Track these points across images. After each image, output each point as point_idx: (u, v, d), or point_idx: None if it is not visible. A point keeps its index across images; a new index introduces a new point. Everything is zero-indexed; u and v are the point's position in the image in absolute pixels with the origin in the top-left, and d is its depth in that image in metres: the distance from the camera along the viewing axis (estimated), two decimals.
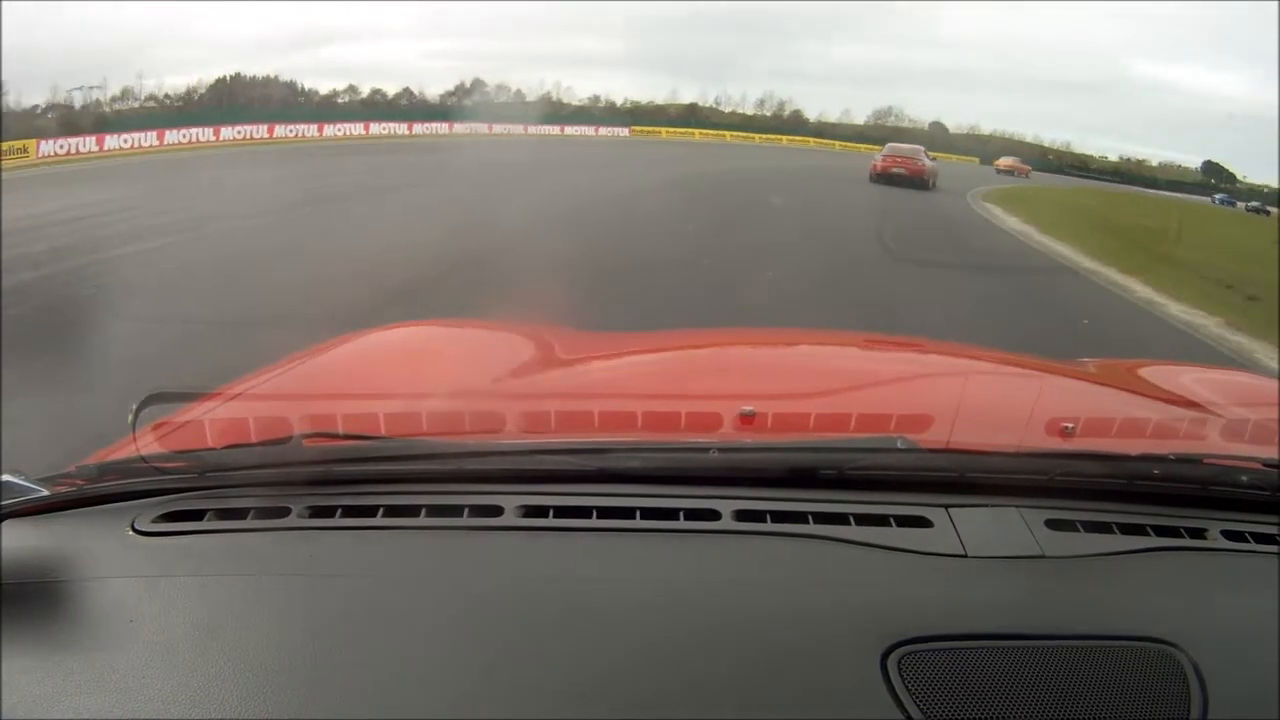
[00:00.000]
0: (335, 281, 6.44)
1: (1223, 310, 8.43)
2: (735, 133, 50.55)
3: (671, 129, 47.32)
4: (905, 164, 23.12)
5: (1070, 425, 1.15)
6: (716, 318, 5.87)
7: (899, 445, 1.00)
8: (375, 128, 33.37)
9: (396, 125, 34.46)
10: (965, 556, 0.89)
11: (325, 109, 38.02)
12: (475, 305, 5.86)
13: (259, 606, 0.82)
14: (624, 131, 44.15)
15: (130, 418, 0.95)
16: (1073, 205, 21.19)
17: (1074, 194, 26.74)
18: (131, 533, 0.90)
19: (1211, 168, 65.96)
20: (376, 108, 42.14)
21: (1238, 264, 12.34)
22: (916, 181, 22.45)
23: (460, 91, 47.89)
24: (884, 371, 1.75)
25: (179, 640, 0.77)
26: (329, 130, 31.04)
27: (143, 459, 0.95)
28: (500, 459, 1.03)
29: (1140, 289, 9.25)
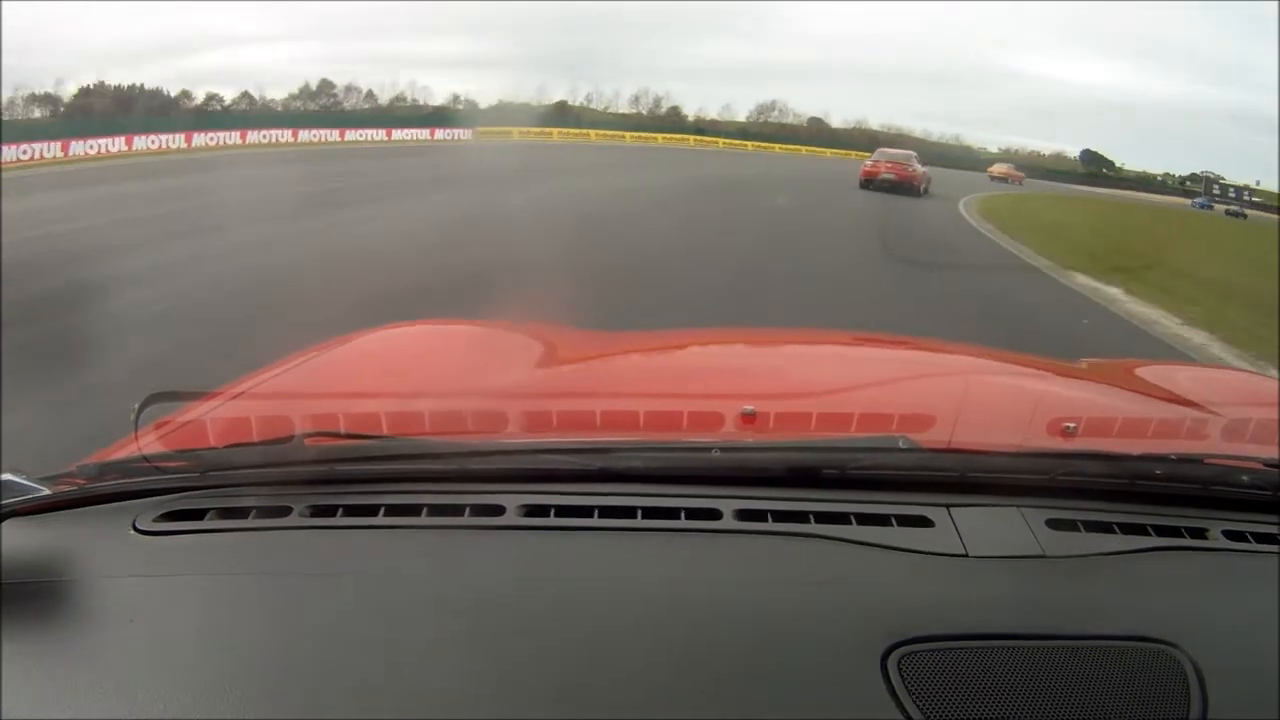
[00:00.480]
0: None
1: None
2: (602, 131, 46.44)
3: (530, 129, 42.12)
4: (895, 169, 22.73)
5: (1072, 425, 1.15)
6: None
7: (900, 445, 1.00)
8: (200, 138, 28.18)
9: (227, 135, 29.41)
10: (966, 556, 0.89)
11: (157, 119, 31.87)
12: None
13: (260, 606, 0.82)
14: (467, 134, 38.62)
15: (132, 417, 0.95)
16: (1083, 225, 19.19)
17: (1078, 210, 25.83)
18: (133, 532, 0.90)
19: (1090, 156, 68.56)
20: (209, 116, 37.70)
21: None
22: (906, 187, 22.04)
23: (305, 94, 44.74)
24: (886, 371, 1.75)
25: (180, 640, 0.77)
26: (139, 143, 25.49)
27: (144, 458, 0.95)
28: (502, 458, 1.03)
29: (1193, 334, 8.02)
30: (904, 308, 7.26)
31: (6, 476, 0.91)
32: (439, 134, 38.09)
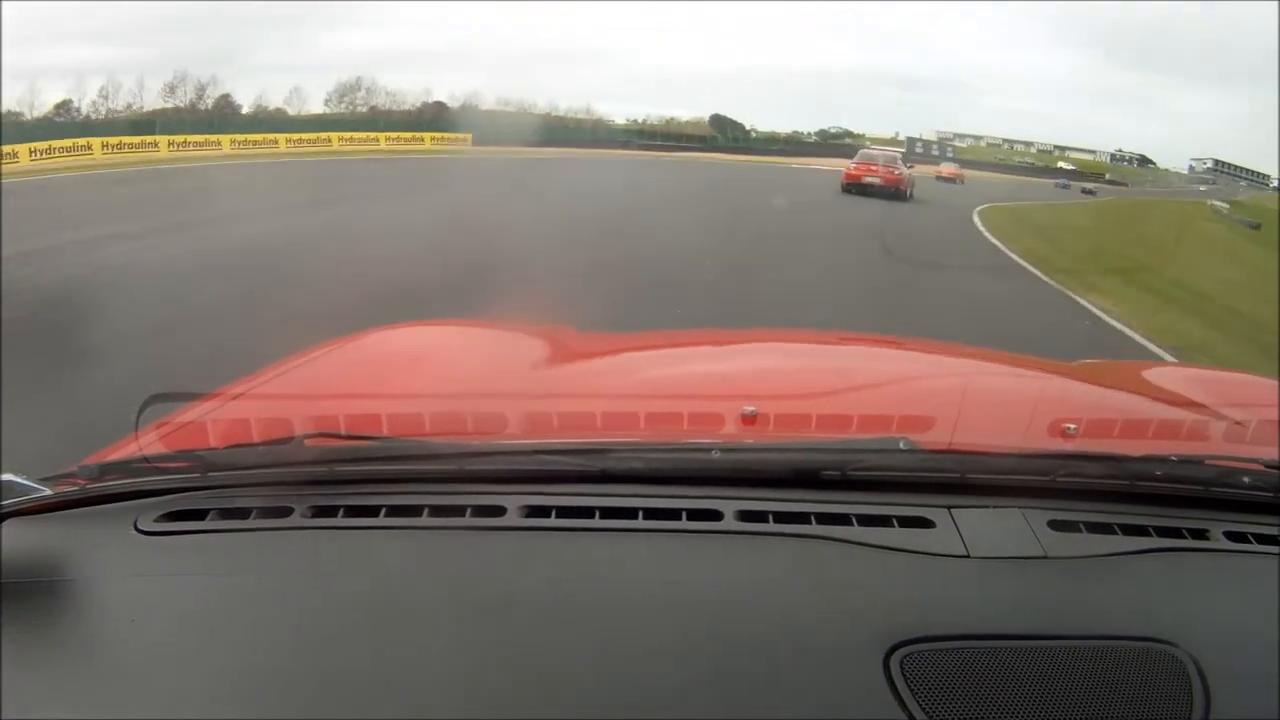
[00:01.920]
0: None
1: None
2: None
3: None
4: (881, 173, 21.67)
5: (1072, 426, 1.15)
6: None
7: (901, 446, 1.00)
8: None
9: None
10: (968, 557, 0.89)
11: None
12: None
13: (262, 606, 0.82)
14: None
15: (134, 417, 0.95)
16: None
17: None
18: (134, 532, 0.90)
19: (719, 120, 71.15)
20: None
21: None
22: (893, 191, 20.99)
23: None
24: (886, 372, 1.75)
25: (181, 640, 0.77)
26: None
27: (145, 458, 0.95)
28: (503, 459, 1.03)
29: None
30: None
31: (7, 477, 0.91)
32: None
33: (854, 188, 21.44)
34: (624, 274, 8.24)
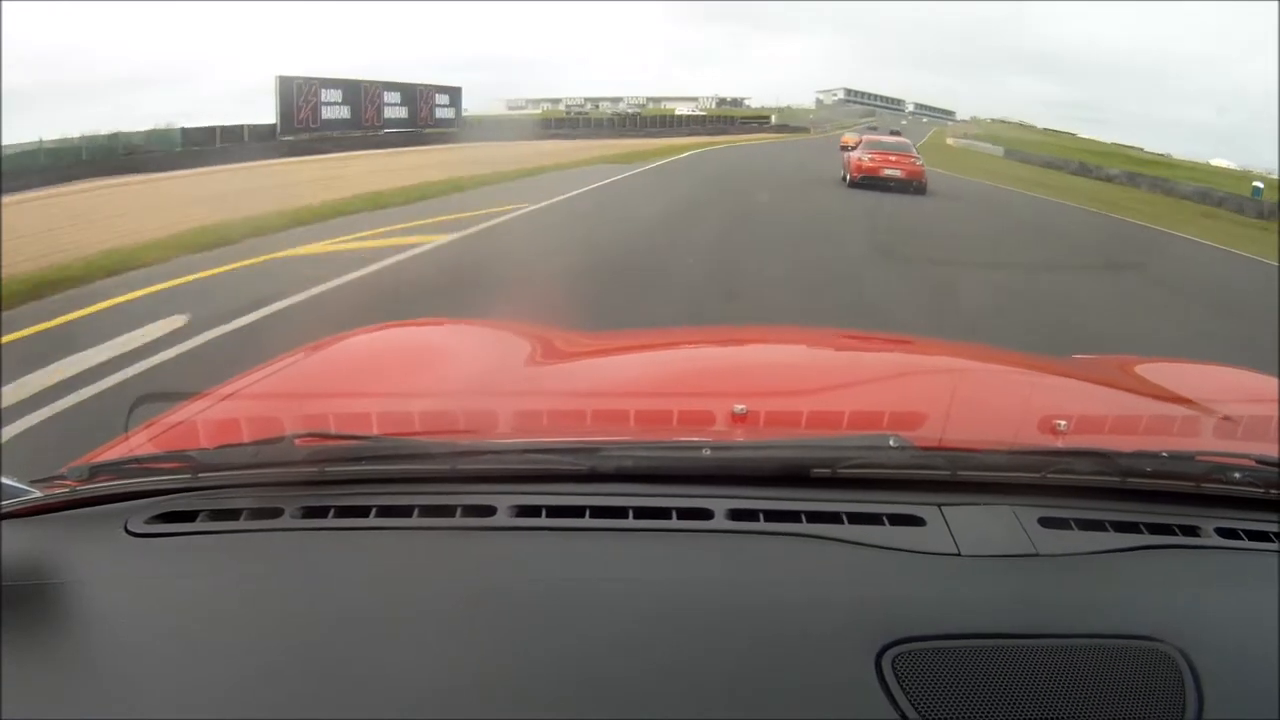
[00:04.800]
0: None
1: None
2: None
3: None
4: (900, 163, 19.17)
5: (1063, 423, 1.16)
6: None
7: (892, 443, 1.00)
8: None
9: None
10: (959, 555, 0.89)
11: None
12: None
13: (252, 608, 0.81)
14: None
15: (125, 418, 0.95)
16: None
17: None
18: (125, 534, 0.90)
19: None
20: None
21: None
22: (915, 185, 18.86)
23: None
24: (877, 369, 1.75)
25: (172, 642, 0.77)
26: None
27: (135, 460, 0.95)
28: (493, 458, 1.02)
29: None
30: None
31: None
32: None
33: (867, 181, 18.77)
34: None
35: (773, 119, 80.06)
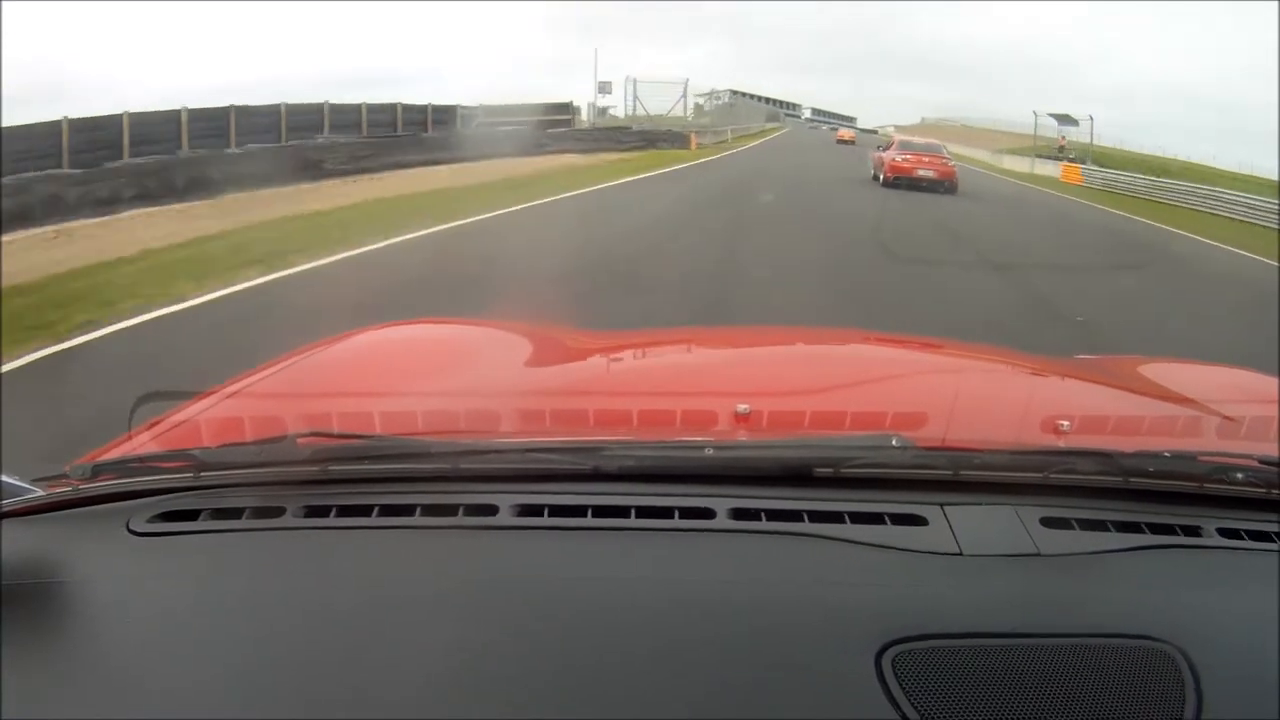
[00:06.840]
0: None
1: None
2: None
3: None
4: (933, 164, 19.87)
5: (1065, 423, 1.16)
6: None
7: (894, 443, 1.00)
8: None
9: None
10: (960, 555, 0.89)
11: None
12: None
13: (255, 607, 0.81)
14: None
15: (128, 417, 0.95)
16: None
17: None
18: (127, 533, 0.90)
19: None
20: None
21: None
22: (947, 185, 19.56)
23: None
24: (879, 369, 1.75)
25: (174, 642, 0.77)
26: None
27: (137, 458, 0.95)
28: (495, 458, 1.02)
29: None
30: None
31: (0, 478, 0.91)
32: None
33: (903, 181, 19.56)
34: None
35: (584, 116, 43.69)
